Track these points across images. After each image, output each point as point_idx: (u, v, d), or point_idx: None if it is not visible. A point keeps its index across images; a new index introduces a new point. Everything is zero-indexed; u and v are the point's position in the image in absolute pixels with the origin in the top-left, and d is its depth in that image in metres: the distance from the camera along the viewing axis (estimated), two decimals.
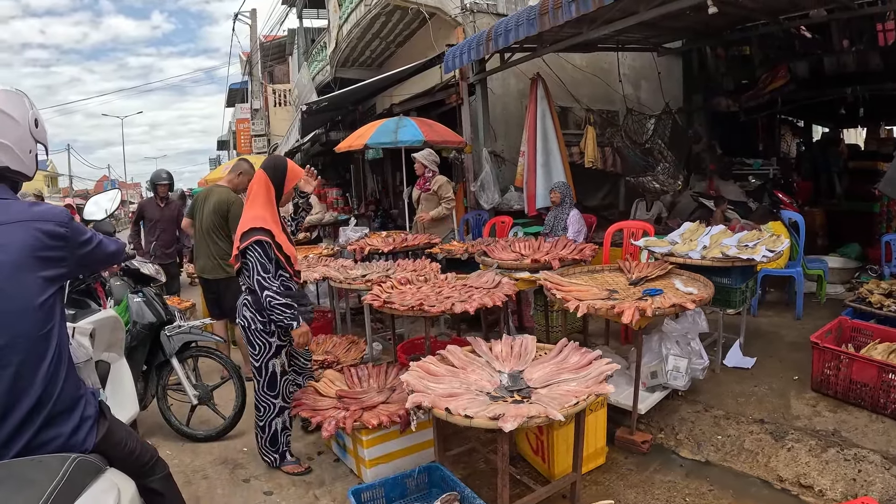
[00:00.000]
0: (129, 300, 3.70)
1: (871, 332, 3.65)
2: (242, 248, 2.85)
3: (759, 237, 3.99)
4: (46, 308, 1.51)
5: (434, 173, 5.79)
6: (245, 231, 2.84)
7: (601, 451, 3.05)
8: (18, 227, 1.48)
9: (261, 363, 3.02)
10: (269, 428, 3.13)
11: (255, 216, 2.89)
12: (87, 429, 1.56)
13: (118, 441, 1.68)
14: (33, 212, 1.53)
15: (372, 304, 3.36)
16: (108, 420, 1.67)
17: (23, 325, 1.45)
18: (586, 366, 2.66)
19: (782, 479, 2.88)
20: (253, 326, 2.97)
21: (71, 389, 1.56)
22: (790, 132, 9.84)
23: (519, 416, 2.06)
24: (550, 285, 3.23)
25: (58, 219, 1.55)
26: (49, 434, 1.48)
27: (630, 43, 7.09)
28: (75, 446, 1.52)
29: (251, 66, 16.59)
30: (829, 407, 3.32)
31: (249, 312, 2.98)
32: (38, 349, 1.48)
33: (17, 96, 1.58)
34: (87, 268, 1.84)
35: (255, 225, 2.84)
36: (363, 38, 8.88)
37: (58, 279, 1.56)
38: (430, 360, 2.80)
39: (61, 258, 1.55)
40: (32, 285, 1.48)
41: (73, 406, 1.55)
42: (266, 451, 3.18)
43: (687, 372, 3.35)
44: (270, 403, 3.09)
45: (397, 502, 2.66)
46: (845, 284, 5.42)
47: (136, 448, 1.75)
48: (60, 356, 1.55)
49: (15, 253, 1.46)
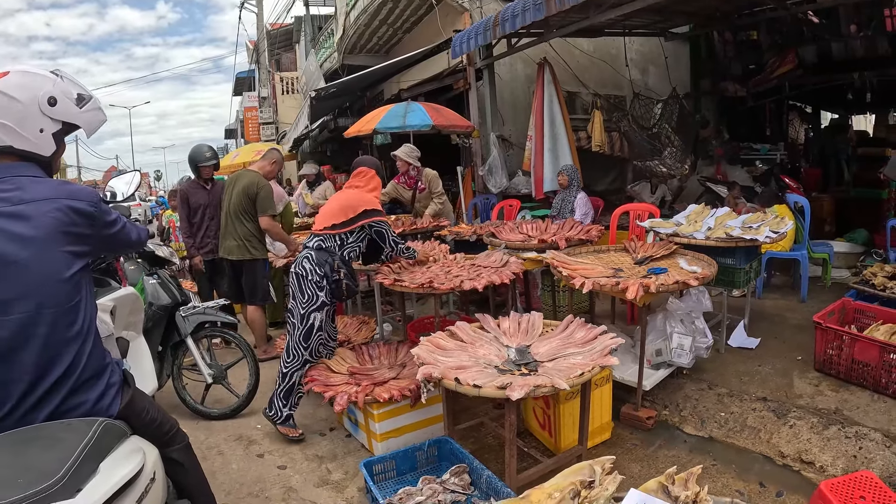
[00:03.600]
0: (144, 282, 3.78)
1: (873, 314, 3.69)
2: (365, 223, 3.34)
3: (763, 219, 4.03)
4: (74, 281, 1.57)
5: (419, 169, 5.75)
6: (367, 209, 3.34)
7: (607, 427, 3.12)
8: (49, 203, 1.55)
9: (306, 312, 3.25)
10: (289, 378, 3.31)
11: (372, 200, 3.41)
12: (111, 395, 1.64)
13: (141, 409, 1.75)
14: (64, 190, 1.60)
15: (383, 282, 3.42)
16: (131, 388, 1.75)
17: (51, 296, 1.52)
18: (591, 340, 2.72)
19: (784, 455, 2.94)
20: (310, 277, 3.24)
21: (97, 358, 1.63)
22: (798, 118, 9.79)
23: (526, 386, 2.13)
24: (557, 263, 3.29)
25: (88, 198, 1.62)
26: (76, 400, 1.56)
27: (637, 28, 7.07)
28: (100, 412, 1.59)
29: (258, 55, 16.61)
30: (832, 386, 3.37)
31: (310, 264, 3.26)
32: (67, 320, 1.55)
33: (30, 77, 1.62)
34: (110, 249, 1.92)
35: (375, 207, 3.38)
36: (370, 24, 8.88)
37: (83, 255, 1.63)
38: (440, 336, 2.87)
39: (87, 236, 1.62)
40: (60, 259, 1.55)
41: (99, 374, 1.62)
42: (277, 401, 3.35)
43: (691, 350, 3.41)
44: (300, 353, 3.30)
45: (408, 474, 2.74)
46: (851, 269, 5.45)
47: (157, 417, 1.82)
48: (89, 327, 1.62)
49: (44, 228, 1.52)
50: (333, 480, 2.98)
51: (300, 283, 3.27)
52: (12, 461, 1.37)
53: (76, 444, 1.40)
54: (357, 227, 3.34)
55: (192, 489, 1.94)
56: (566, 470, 1.42)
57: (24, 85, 1.59)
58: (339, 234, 3.33)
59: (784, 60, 6.97)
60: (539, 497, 1.34)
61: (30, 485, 1.27)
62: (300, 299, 3.27)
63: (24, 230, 1.51)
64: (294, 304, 3.31)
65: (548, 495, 1.34)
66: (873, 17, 6.20)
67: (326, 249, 3.31)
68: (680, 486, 1.37)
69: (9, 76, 1.58)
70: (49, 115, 1.63)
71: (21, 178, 1.58)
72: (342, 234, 3.34)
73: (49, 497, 1.28)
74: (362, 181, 3.53)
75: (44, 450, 1.40)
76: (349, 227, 3.32)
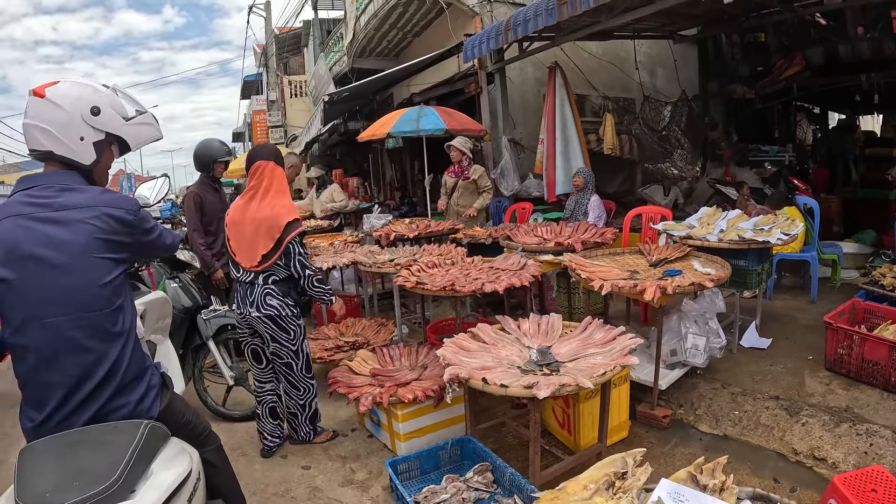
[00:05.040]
0: (166, 285, 3.87)
1: (883, 314, 3.76)
2: (290, 239, 2.91)
3: (774, 221, 4.10)
4: (114, 287, 1.62)
5: (470, 161, 5.96)
6: (290, 222, 2.90)
7: (624, 425, 3.20)
8: (89, 211, 1.59)
9: (297, 347, 3.11)
10: (309, 406, 3.28)
11: (291, 207, 2.99)
12: (152, 398, 1.68)
13: (177, 411, 1.80)
14: (104, 198, 1.64)
15: (404, 285, 3.51)
16: (169, 390, 1.80)
17: (92, 301, 1.57)
18: (610, 341, 2.81)
19: (797, 452, 3.01)
20: (283, 313, 3.00)
21: (138, 361, 1.68)
22: (806, 119, 9.83)
23: (551, 385, 2.22)
24: (575, 266, 3.38)
25: (128, 206, 1.67)
26: (119, 402, 1.61)
27: (646, 31, 7.15)
28: (141, 414, 1.64)
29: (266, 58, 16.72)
30: (842, 385, 3.44)
31: (276, 300, 2.99)
32: (107, 324, 1.60)
33: (78, 87, 1.68)
34: (147, 255, 1.97)
35: (297, 216, 2.97)
36: (380, 28, 8.98)
37: (122, 262, 1.67)
38: (463, 337, 2.96)
39: (126, 243, 1.66)
40: (100, 265, 1.59)
41: (140, 376, 1.67)
42: (304, 427, 3.32)
43: (705, 350, 3.49)
44: (309, 384, 3.23)
45: (431, 473, 2.82)
46: (859, 269, 5.51)
47: (192, 419, 1.87)
48: (130, 330, 1.67)
49: (83, 234, 1.57)
50: (358, 480, 3.05)
51: (276, 324, 3.01)
52: (64, 464, 1.41)
53: (126, 446, 1.44)
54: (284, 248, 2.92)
55: (224, 490, 2.00)
56: (599, 463, 1.51)
57: (70, 94, 1.66)
58: (275, 263, 2.95)
59: (792, 62, 7.03)
60: (575, 489, 1.43)
61: (86, 487, 1.31)
62: (285, 338, 3.05)
63: (64, 236, 1.55)
64: (277, 347, 3.07)
65: (583, 486, 1.43)
66: (880, 18, 6.25)
67: (283, 280, 3.00)
68: (707, 475, 1.46)
69: (58, 85, 1.66)
70: (91, 125, 1.67)
71: (63, 186, 1.63)
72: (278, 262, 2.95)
73: (106, 499, 1.32)
74: (266, 179, 2.99)
75: (93, 452, 1.44)
76: (279, 250, 2.91)
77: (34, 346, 1.54)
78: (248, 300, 3.03)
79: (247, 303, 3.04)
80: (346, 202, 7.45)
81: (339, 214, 7.48)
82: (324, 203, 7.41)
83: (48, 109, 1.63)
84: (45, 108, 1.63)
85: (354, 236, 6.15)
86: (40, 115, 1.62)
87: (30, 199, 1.59)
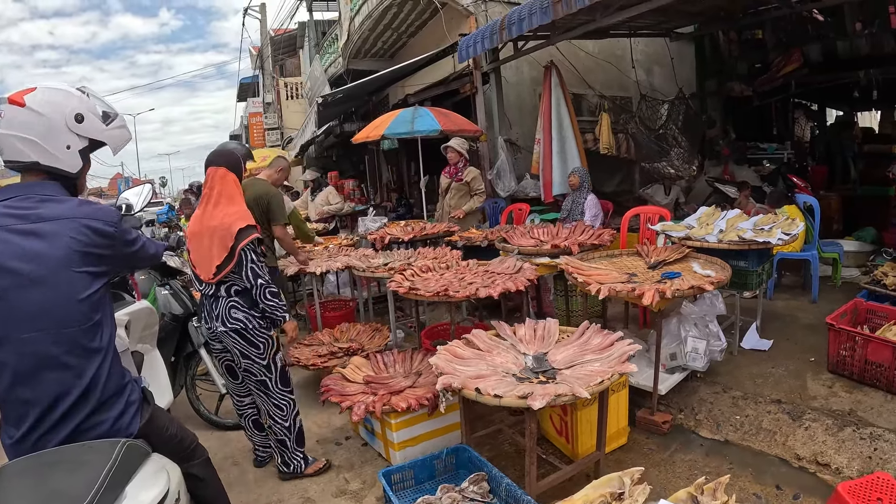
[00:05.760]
0: (156, 293, 3.80)
1: (885, 314, 3.70)
2: (242, 246, 2.71)
3: (774, 220, 4.04)
4: (93, 301, 1.56)
5: (466, 162, 5.88)
6: (242, 228, 2.72)
7: (623, 432, 3.14)
8: (67, 223, 1.54)
9: (268, 361, 2.89)
10: (294, 426, 3.02)
11: (244, 213, 2.81)
12: (131, 413, 1.63)
13: (160, 426, 1.74)
14: (83, 210, 1.59)
15: (397, 290, 3.45)
16: (150, 406, 1.73)
17: (69, 316, 1.52)
18: (608, 347, 2.75)
19: (800, 458, 2.95)
20: (250, 325, 2.81)
21: (117, 377, 1.62)
22: (804, 116, 9.78)
23: (547, 395, 2.15)
24: (572, 269, 3.32)
25: (107, 218, 1.61)
26: (97, 419, 1.56)
27: (642, 29, 7.09)
28: (120, 431, 1.58)
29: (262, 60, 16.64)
30: (845, 387, 3.38)
31: (242, 313, 2.81)
32: (85, 340, 1.54)
33: (57, 93, 1.62)
34: (130, 267, 1.92)
35: (250, 222, 2.78)
36: (375, 29, 8.92)
37: (102, 275, 1.61)
38: (457, 344, 2.89)
39: (105, 256, 1.61)
40: (77, 280, 1.53)
41: (118, 392, 1.61)
42: (293, 455, 3.06)
43: (705, 353, 3.43)
44: (288, 400, 2.99)
45: (426, 483, 2.74)
46: (860, 268, 5.45)
47: (177, 433, 1.81)
48: (108, 346, 1.61)
49: (62, 247, 1.52)
50: (351, 490, 2.99)
51: (244, 338, 2.82)
52: (38, 486, 1.37)
53: (101, 466, 1.40)
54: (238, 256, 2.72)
55: (212, 503, 1.95)
56: (595, 482, 1.45)
57: (52, 101, 1.60)
58: (230, 272, 2.76)
59: (790, 59, 6.97)
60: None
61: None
62: (254, 353, 2.85)
63: (40, 248, 1.50)
64: (248, 363, 2.88)
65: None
66: (878, 14, 6.20)
67: (245, 290, 2.81)
68: (709, 495, 1.40)
69: (35, 92, 1.59)
70: (76, 132, 1.63)
71: (42, 196, 1.57)
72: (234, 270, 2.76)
73: None
74: (218, 186, 2.84)
75: (68, 473, 1.40)
76: (234, 259, 2.72)
77: (10, 362, 1.49)
78: (214, 314, 2.87)
79: (212, 317, 2.88)
80: (341, 205, 7.39)
81: (335, 217, 7.42)
82: (319, 206, 7.34)
83: (30, 118, 1.56)
84: (26, 116, 1.56)
85: (349, 239, 6.09)
86: (21, 125, 1.56)
87: (7, 210, 1.54)
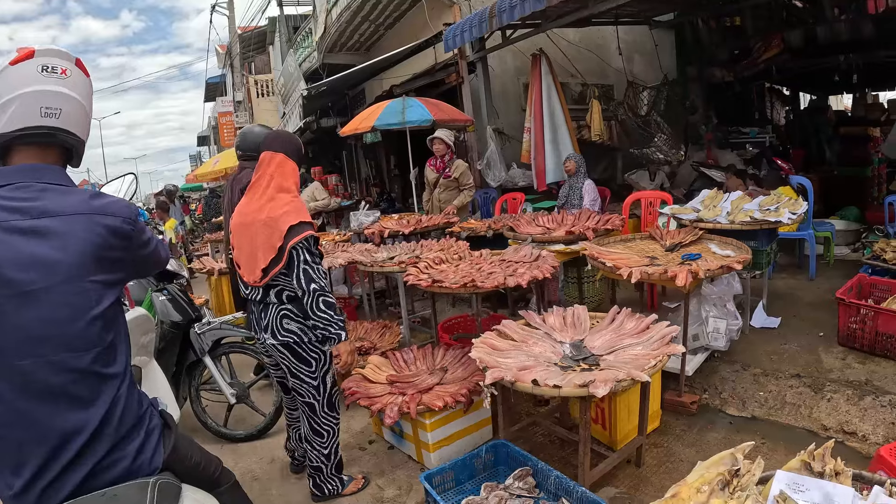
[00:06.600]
0: (153, 299, 3.58)
1: (887, 287, 3.81)
2: (293, 244, 2.33)
3: (778, 201, 4.11)
4: (107, 318, 1.27)
5: (452, 155, 5.75)
6: (294, 225, 2.35)
7: (656, 415, 3.13)
8: (81, 220, 1.24)
9: (318, 381, 2.57)
10: (334, 454, 2.73)
11: (298, 207, 2.44)
12: (153, 445, 1.35)
13: (184, 454, 1.46)
14: (97, 203, 1.29)
15: (418, 284, 3.35)
16: (173, 431, 1.45)
17: (78, 339, 1.22)
18: (644, 330, 2.73)
19: (827, 428, 3.01)
20: (305, 339, 2.48)
21: (135, 405, 1.35)
22: (779, 101, 10.04)
23: (609, 381, 2.11)
24: (598, 254, 3.29)
25: (126, 214, 1.32)
26: (116, 454, 1.27)
27: (624, 17, 7.14)
28: (143, 466, 1.30)
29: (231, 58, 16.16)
30: (858, 359, 3.48)
31: (296, 324, 2.47)
32: (98, 365, 1.25)
33: None
34: (140, 273, 1.55)
35: (303, 218, 2.41)
36: (352, 21, 8.74)
37: (116, 285, 1.32)
38: (491, 336, 2.83)
39: (120, 260, 1.32)
40: (91, 291, 1.24)
41: (138, 423, 1.33)
42: (328, 479, 2.77)
43: (726, 333, 3.46)
44: (332, 426, 2.67)
45: (466, 483, 2.62)
46: (850, 245, 5.62)
47: (200, 460, 1.54)
48: (125, 369, 1.33)
49: (75, 251, 1.22)
50: (388, 498, 2.85)
51: (294, 354, 2.50)
52: None
53: None
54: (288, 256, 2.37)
55: None
56: (705, 463, 1.41)
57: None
58: (282, 272, 2.40)
59: (770, 45, 7.13)
60: (688, 493, 1.32)
61: None
62: (305, 371, 2.54)
63: (47, 252, 1.19)
64: (296, 383, 2.57)
65: (696, 490, 1.32)
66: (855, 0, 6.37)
67: (296, 296, 2.45)
68: (819, 461, 1.39)
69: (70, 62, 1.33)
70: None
71: (45, 185, 1.26)
72: (285, 272, 2.41)
73: None
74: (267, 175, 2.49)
75: None
76: (282, 260, 2.36)
77: (4, 394, 1.18)
78: (262, 324, 2.53)
79: (260, 327, 2.55)
80: (328, 200, 7.22)
81: (321, 213, 7.25)
82: (305, 202, 7.16)
83: (86, 83, 1.35)
84: (83, 79, 1.34)
85: (343, 235, 5.95)
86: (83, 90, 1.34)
87: (2, 202, 1.22)
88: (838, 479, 1.36)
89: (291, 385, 2.65)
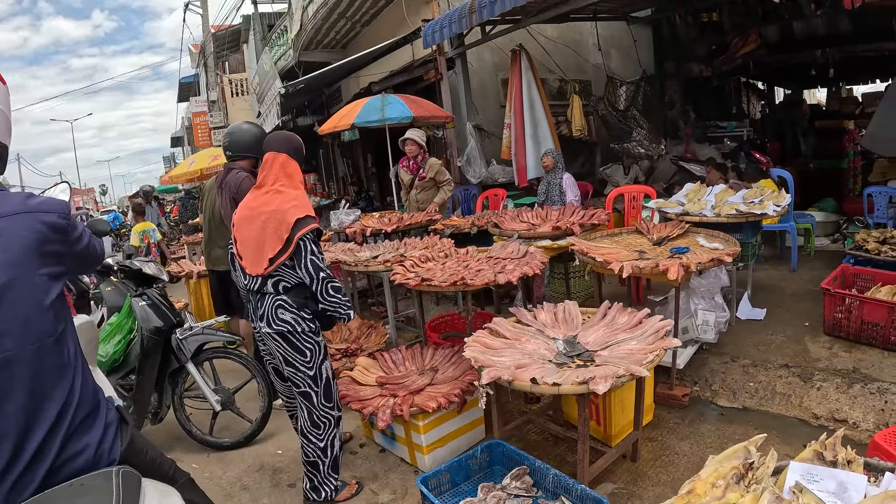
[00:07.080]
0: (133, 304, 3.44)
1: (871, 277, 3.86)
2: (301, 235, 2.42)
3: (761, 194, 4.13)
4: (56, 308, 1.34)
5: (425, 154, 5.62)
6: (300, 218, 2.43)
7: (649, 409, 3.12)
8: (20, 218, 1.31)
9: (315, 371, 2.59)
10: (331, 448, 2.69)
11: (303, 202, 2.52)
12: (111, 437, 1.40)
13: (140, 449, 1.51)
14: (32, 204, 1.36)
15: (406, 283, 3.28)
16: (129, 426, 1.49)
17: (33, 329, 1.28)
18: (637, 325, 2.70)
19: (817, 417, 3.04)
20: (299, 328, 2.53)
21: (90, 394, 1.39)
22: (755, 95, 10.17)
23: (608, 378, 2.07)
24: (587, 249, 3.26)
25: (59, 209, 1.39)
26: (76, 446, 1.32)
27: (602, 12, 7.15)
28: (103, 457, 1.35)
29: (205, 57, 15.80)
30: (844, 348, 3.51)
31: (290, 314, 2.52)
32: (54, 354, 1.31)
33: None
34: (80, 267, 1.62)
35: (308, 213, 2.48)
36: (328, 18, 8.60)
37: (60, 277, 1.39)
38: (483, 334, 2.77)
39: (61, 254, 1.39)
40: (39, 284, 1.31)
41: (94, 411, 1.39)
42: (325, 480, 2.71)
43: (715, 325, 3.46)
44: (329, 417, 2.67)
45: (462, 485, 2.56)
46: (829, 236, 5.70)
47: (156, 456, 1.58)
48: (75, 358, 1.39)
49: (18, 248, 1.29)
50: (383, 503, 2.78)
51: (289, 343, 2.55)
52: None
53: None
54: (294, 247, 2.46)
55: None
56: (718, 457, 1.37)
57: None
58: (284, 263, 2.49)
59: (747, 40, 7.20)
60: (704, 488, 1.28)
61: None
62: (300, 361, 2.57)
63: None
64: (292, 372, 2.60)
65: (712, 485, 1.29)
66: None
67: (295, 287, 2.55)
68: (830, 450, 1.37)
69: None
70: None
71: None
72: (286, 264, 2.50)
73: None
74: (281, 172, 2.58)
75: None
76: (289, 250, 2.45)
77: None
78: (259, 312, 2.59)
79: (257, 316, 2.60)
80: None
81: None
82: None
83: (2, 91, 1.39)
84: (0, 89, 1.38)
85: (325, 234, 5.83)
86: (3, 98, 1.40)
87: None
88: (850, 468, 1.34)
89: (287, 374, 2.67)
